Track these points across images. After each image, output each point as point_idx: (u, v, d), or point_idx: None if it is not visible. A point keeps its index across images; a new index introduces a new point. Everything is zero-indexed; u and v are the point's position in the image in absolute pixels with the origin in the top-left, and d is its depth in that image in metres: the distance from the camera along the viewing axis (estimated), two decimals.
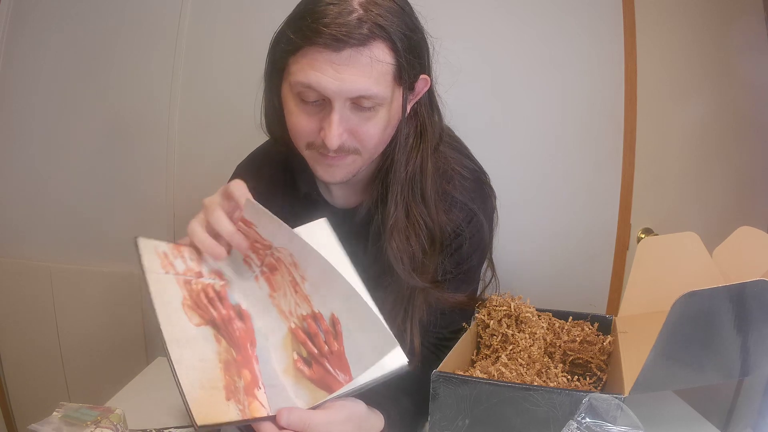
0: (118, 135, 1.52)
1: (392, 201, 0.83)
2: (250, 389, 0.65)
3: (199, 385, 0.61)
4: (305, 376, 0.67)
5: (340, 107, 0.74)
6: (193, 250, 0.73)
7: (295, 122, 0.79)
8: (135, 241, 0.69)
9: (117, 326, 1.56)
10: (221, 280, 0.73)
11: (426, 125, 0.85)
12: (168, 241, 0.72)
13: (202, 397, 0.60)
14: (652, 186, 1.35)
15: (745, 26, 1.30)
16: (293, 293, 0.70)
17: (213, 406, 0.60)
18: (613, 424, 0.62)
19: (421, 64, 0.80)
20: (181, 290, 0.69)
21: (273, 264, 0.72)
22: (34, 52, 1.53)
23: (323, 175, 0.82)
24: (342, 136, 0.76)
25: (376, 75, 0.73)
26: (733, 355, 0.70)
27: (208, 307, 0.69)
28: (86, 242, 1.57)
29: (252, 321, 0.72)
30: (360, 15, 0.71)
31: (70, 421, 0.70)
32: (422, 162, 0.84)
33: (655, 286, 0.88)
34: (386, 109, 0.77)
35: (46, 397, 1.61)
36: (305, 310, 0.69)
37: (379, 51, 0.73)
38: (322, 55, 0.71)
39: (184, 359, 0.62)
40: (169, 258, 0.71)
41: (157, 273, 0.68)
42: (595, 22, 1.31)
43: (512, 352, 0.83)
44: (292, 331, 0.70)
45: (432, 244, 0.86)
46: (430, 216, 0.85)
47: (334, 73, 0.71)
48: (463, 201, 0.88)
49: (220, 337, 0.67)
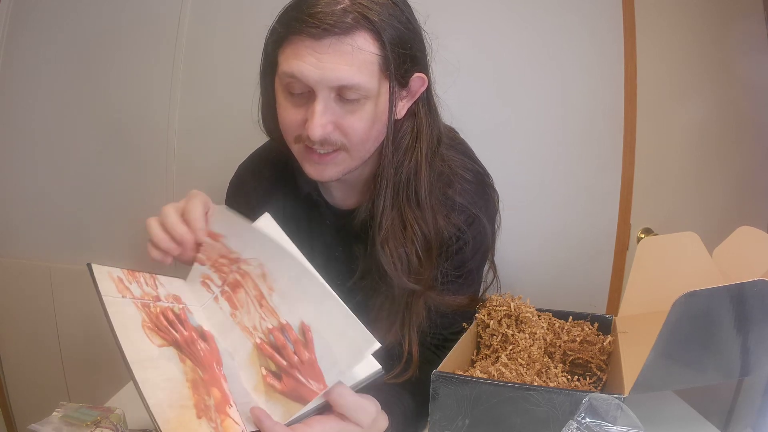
0: (118, 135, 1.52)
1: (383, 203, 0.82)
2: (221, 407, 0.63)
3: (168, 404, 0.59)
4: (276, 391, 0.64)
5: (323, 97, 0.74)
6: (148, 276, 0.73)
7: (283, 115, 0.79)
8: (88, 267, 0.68)
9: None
10: (179, 304, 0.72)
11: (423, 126, 0.84)
12: (121, 268, 0.71)
13: (172, 417, 0.58)
14: (652, 186, 1.35)
15: (745, 26, 1.30)
16: (258, 308, 0.69)
17: (185, 426, 0.58)
18: (613, 424, 0.62)
19: (414, 59, 0.79)
20: (139, 312, 0.67)
21: (236, 281, 0.71)
22: (34, 52, 1.53)
23: (312, 172, 0.81)
24: (326, 127, 0.75)
25: (359, 64, 0.72)
26: (733, 355, 0.70)
27: (169, 329, 0.67)
28: (86, 242, 1.57)
29: (216, 341, 0.70)
30: (346, 6, 0.72)
31: (70, 421, 0.70)
32: (417, 164, 0.83)
33: (655, 286, 0.88)
34: (373, 102, 0.76)
35: (46, 397, 1.61)
36: (271, 323, 0.67)
37: (362, 40, 0.72)
38: (304, 44, 0.72)
39: (149, 380, 0.60)
40: (124, 283, 0.70)
41: (114, 297, 0.66)
42: (595, 22, 1.31)
43: (512, 352, 0.83)
44: (257, 346, 0.67)
45: (428, 249, 0.84)
46: (425, 221, 0.83)
47: (316, 62, 0.72)
48: (465, 204, 0.88)
49: (184, 357, 0.65)
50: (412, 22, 0.78)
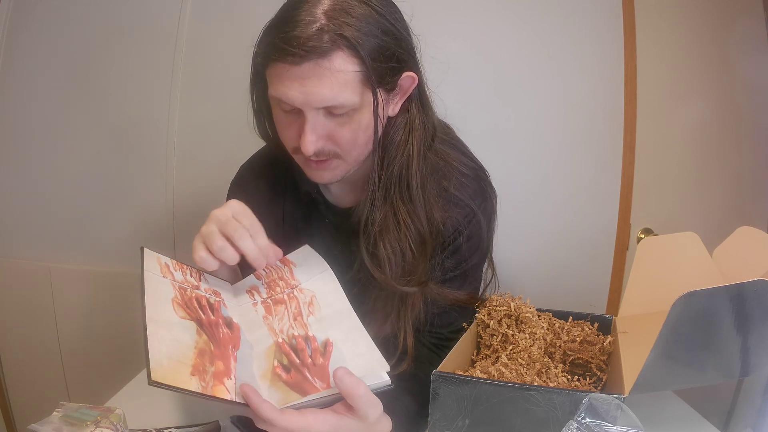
0: (118, 135, 1.52)
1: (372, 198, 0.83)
2: (219, 376, 0.63)
3: (167, 356, 0.60)
4: (281, 380, 0.66)
5: (312, 116, 0.75)
6: (195, 270, 0.76)
7: (279, 129, 0.82)
8: (141, 250, 0.71)
9: (117, 326, 1.56)
10: (217, 297, 0.74)
11: (415, 122, 0.85)
12: (172, 258, 0.75)
13: (165, 363, 0.59)
14: (652, 186, 1.35)
15: (745, 26, 1.30)
16: (291, 319, 0.72)
17: (174, 374, 0.59)
18: (613, 424, 0.62)
19: (400, 61, 0.79)
20: (174, 291, 0.69)
21: (282, 299, 0.75)
22: (34, 52, 1.53)
23: (312, 176, 0.84)
24: (317, 143, 0.77)
25: (339, 84, 0.73)
26: (733, 355, 0.70)
27: (197, 310, 0.69)
28: (86, 242, 1.58)
29: (240, 332, 0.72)
30: (321, 25, 0.71)
31: (70, 421, 0.70)
32: (408, 159, 0.84)
33: (655, 286, 0.88)
34: (361, 112, 0.77)
35: (46, 397, 1.61)
36: (298, 332, 0.70)
37: (340, 61, 0.72)
38: (285, 71, 0.73)
39: (157, 334, 0.61)
40: (170, 269, 0.73)
41: (155, 274, 0.69)
42: (595, 22, 1.31)
43: (512, 352, 0.83)
44: (278, 344, 0.70)
45: (422, 243, 0.85)
46: (417, 215, 0.84)
47: (299, 86, 0.73)
48: (462, 198, 0.88)
49: (201, 332, 0.67)
50: (394, 25, 0.78)
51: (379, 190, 0.83)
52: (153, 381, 0.56)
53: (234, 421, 0.73)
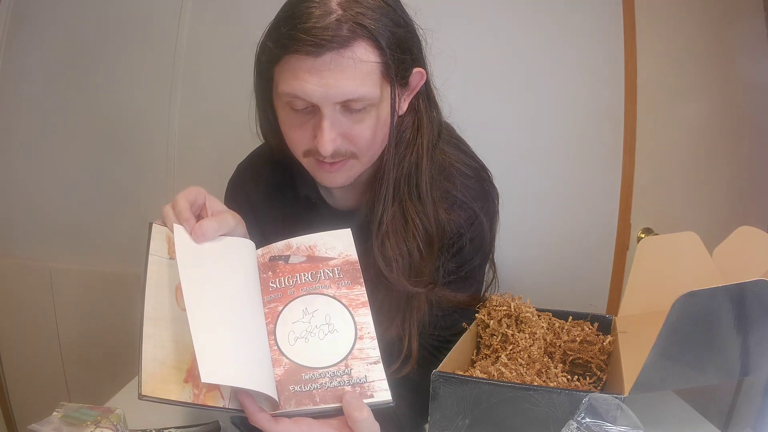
0: (118, 135, 1.52)
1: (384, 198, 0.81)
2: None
3: (160, 361, 0.59)
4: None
5: (329, 113, 0.72)
6: None
7: (289, 132, 0.78)
8: (149, 225, 0.68)
9: (117, 326, 1.56)
10: None
11: (423, 120, 0.83)
12: None
13: (157, 372, 0.58)
14: (652, 186, 1.35)
15: (745, 26, 1.30)
16: None
17: (164, 384, 0.58)
18: (613, 424, 0.62)
19: (412, 58, 0.78)
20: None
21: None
22: (34, 52, 1.53)
23: (324, 181, 0.81)
24: (335, 141, 0.74)
25: (362, 76, 0.71)
26: (733, 355, 0.70)
27: None
28: (86, 242, 1.57)
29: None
30: (339, 15, 0.69)
31: (70, 421, 0.70)
32: (418, 158, 0.82)
33: (655, 286, 0.88)
34: (377, 108, 0.75)
35: (46, 397, 1.61)
36: None
37: (361, 51, 0.70)
38: (303, 63, 0.69)
39: (155, 335, 0.60)
40: None
41: (161, 257, 0.66)
42: (595, 22, 1.31)
43: (512, 352, 0.83)
44: None
45: (430, 243, 0.84)
46: (426, 214, 0.83)
47: (318, 79, 0.69)
48: (465, 200, 0.87)
49: None
50: (404, 19, 0.77)
51: (388, 186, 0.81)
52: (142, 395, 0.56)
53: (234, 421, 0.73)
